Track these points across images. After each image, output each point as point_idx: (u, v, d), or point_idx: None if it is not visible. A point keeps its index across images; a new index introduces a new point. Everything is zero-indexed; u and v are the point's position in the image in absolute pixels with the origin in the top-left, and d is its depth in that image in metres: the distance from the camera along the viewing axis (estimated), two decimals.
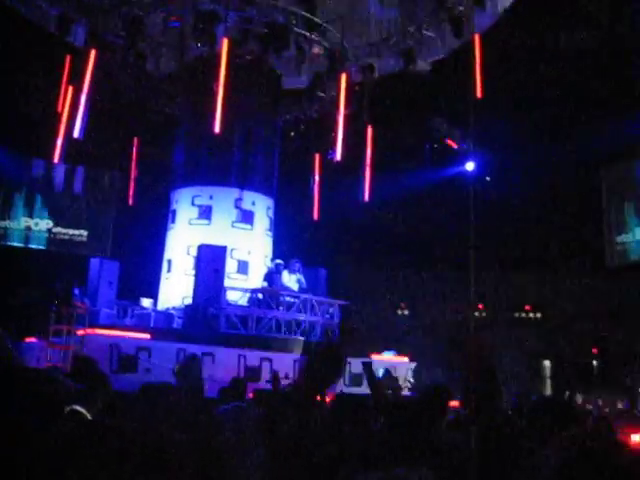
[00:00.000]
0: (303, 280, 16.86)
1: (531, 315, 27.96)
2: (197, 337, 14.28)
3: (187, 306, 16.06)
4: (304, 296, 16.46)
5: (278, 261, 17.21)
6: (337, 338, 16.32)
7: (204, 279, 15.54)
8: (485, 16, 16.96)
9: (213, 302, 15.23)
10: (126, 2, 16.68)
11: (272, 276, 16.50)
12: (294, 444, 4.00)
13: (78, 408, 4.45)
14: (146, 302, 17.34)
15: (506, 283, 24.85)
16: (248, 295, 16.38)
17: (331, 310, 16.98)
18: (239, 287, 16.59)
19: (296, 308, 16.27)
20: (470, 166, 23.02)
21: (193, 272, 16.11)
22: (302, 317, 16.13)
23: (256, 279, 17.18)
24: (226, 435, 5.09)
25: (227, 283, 16.69)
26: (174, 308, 16.64)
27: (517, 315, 28.23)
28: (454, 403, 8.80)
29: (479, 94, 16.33)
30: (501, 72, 18.66)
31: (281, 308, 16.06)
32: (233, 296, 16.34)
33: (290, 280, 16.68)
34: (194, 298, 15.66)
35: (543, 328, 26.22)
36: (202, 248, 15.98)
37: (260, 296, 16.16)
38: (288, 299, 16.37)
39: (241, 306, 16.03)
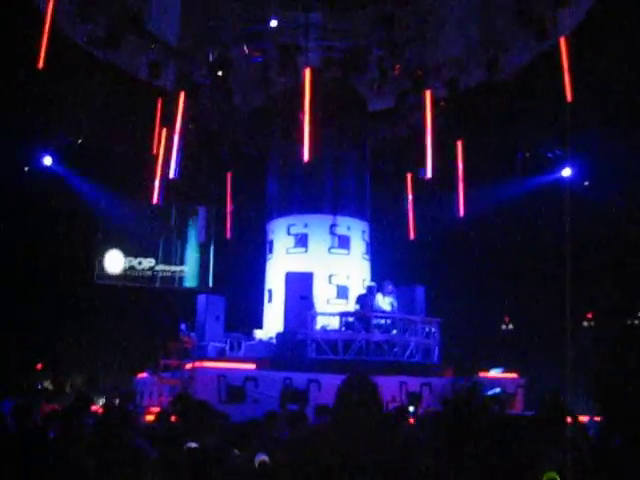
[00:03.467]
0: (395, 302, 16.66)
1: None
2: (288, 364, 14.36)
3: (278, 334, 16.23)
4: (396, 316, 16.26)
5: (370, 284, 17.14)
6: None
7: (292, 306, 15.66)
8: (570, 16, 16.51)
9: (301, 328, 15.27)
10: (211, 42, 17.17)
11: (364, 299, 16.41)
12: None
13: (191, 444, 4.55)
14: (259, 333, 17.60)
15: (614, 289, 23.81)
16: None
17: (429, 329, 16.66)
18: (330, 312, 16.52)
19: (389, 329, 16.09)
20: (567, 172, 22.47)
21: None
22: (396, 338, 15.89)
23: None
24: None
25: (327, 309, 16.74)
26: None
27: (629, 322, 26.99)
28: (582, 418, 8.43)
29: (569, 97, 15.90)
30: (591, 73, 18.05)
31: (376, 331, 15.92)
32: (331, 322, 16.35)
33: (384, 302, 16.56)
34: (284, 325, 15.83)
35: None
36: (288, 276, 16.21)
37: (351, 319, 16.09)
38: (382, 321, 16.24)
39: (329, 330, 15.98)
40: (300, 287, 15.88)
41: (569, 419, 4.95)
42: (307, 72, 16.47)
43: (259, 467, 5.12)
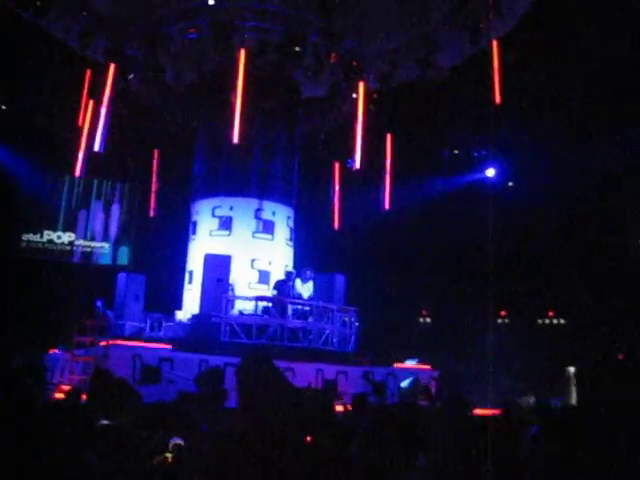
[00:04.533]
0: (312, 289, 16.79)
1: (554, 321, 27.66)
2: (203, 346, 14.32)
3: (193, 315, 16.12)
4: (313, 303, 16.39)
5: (289, 269, 17.21)
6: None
7: (209, 288, 15.61)
8: (503, 21, 16.89)
9: (215, 311, 15.26)
10: (144, 16, 16.81)
11: (282, 285, 16.46)
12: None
13: (105, 422, 4.48)
14: (179, 314, 17.42)
15: (528, 289, 24.58)
16: (262, 304, 16.35)
17: (347, 318, 16.85)
18: (246, 296, 16.52)
19: (306, 316, 16.22)
20: (490, 172, 23.03)
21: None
22: (312, 325, 16.00)
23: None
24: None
25: (247, 293, 16.71)
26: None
27: (540, 322, 27.93)
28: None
29: (498, 100, 16.27)
30: (521, 77, 18.52)
31: (294, 317, 16.02)
32: (248, 306, 16.34)
33: (302, 288, 16.65)
34: (200, 307, 15.76)
35: (566, 334, 25.90)
36: (207, 257, 16.11)
37: (267, 304, 16.14)
38: (299, 307, 16.36)
39: (245, 315, 15.99)
40: (218, 270, 15.79)
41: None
42: (242, 53, 16.33)
43: (172, 450, 5.08)
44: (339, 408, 9.39)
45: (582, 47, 18.66)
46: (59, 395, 10.55)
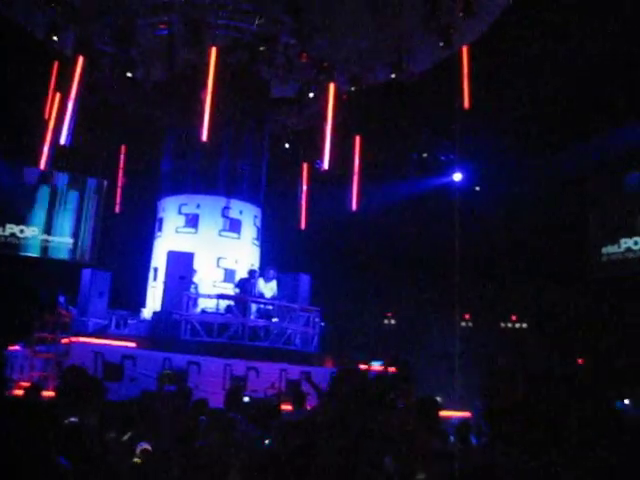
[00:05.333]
0: (275, 288, 16.79)
1: (517, 325, 28.01)
2: (165, 344, 14.23)
3: (154, 313, 16.03)
4: (275, 303, 16.40)
5: (252, 268, 17.17)
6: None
7: (171, 285, 15.51)
8: (474, 26, 17.08)
9: (177, 308, 15.15)
10: (115, 9, 16.64)
11: (245, 283, 16.42)
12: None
13: (73, 420, 4.43)
14: (145, 312, 17.27)
15: (492, 293, 24.87)
16: (226, 303, 16.29)
17: (312, 318, 16.85)
18: (208, 294, 16.45)
19: (269, 315, 16.21)
20: (457, 177, 23.25)
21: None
22: (274, 324, 15.99)
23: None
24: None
25: (212, 291, 16.65)
26: None
27: (503, 325, 28.25)
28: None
29: (466, 105, 16.45)
30: (490, 82, 18.75)
31: (252, 316, 15.99)
32: (211, 304, 16.27)
33: (265, 287, 16.64)
34: (161, 305, 15.66)
35: (530, 338, 26.24)
36: (170, 254, 16.03)
37: (230, 303, 16.09)
38: (262, 306, 16.37)
39: (207, 313, 15.91)
40: (180, 267, 15.70)
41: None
42: (213, 51, 16.25)
43: (140, 455, 5.04)
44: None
45: (549, 53, 18.97)
46: (18, 392, 10.40)
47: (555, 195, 22.51)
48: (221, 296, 16.31)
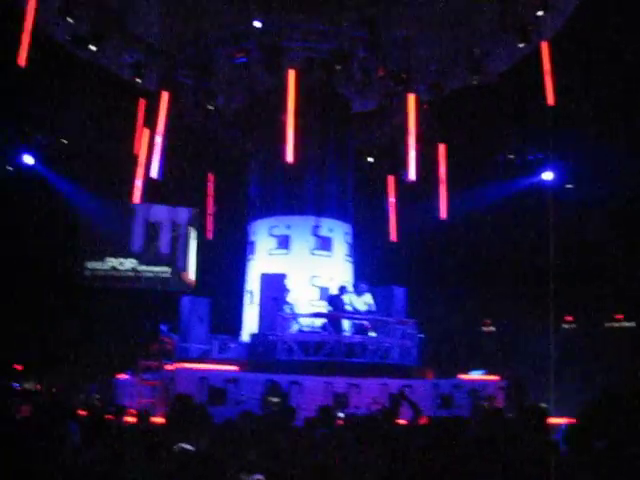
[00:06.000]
0: (371, 302, 16.69)
1: (625, 324, 26.94)
2: (266, 366, 14.37)
3: (251, 335, 16.22)
4: (369, 317, 16.30)
5: (342, 284, 17.13)
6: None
7: (266, 307, 15.68)
8: (552, 20, 16.65)
9: (272, 329, 15.29)
10: (193, 42, 17.12)
11: (335, 300, 16.39)
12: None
13: (185, 446, 4.53)
14: (245, 335, 17.56)
15: (594, 292, 23.99)
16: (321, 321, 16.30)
17: (409, 330, 16.62)
18: (301, 314, 16.53)
19: (362, 330, 16.11)
20: (548, 175, 22.61)
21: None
22: (369, 339, 15.87)
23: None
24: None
25: (309, 311, 16.73)
26: None
27: (608, 325, 27.23)
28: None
29: (550, 101, 16.03)
30: (574, 76, 18.20)
31: (346, 332, 15.95)
32: (307, 322, 16.36)
33: (358, 302, 16.59)
34: (258, 327, 15.88)
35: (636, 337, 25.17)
36: (263, 277, 16.25)
37: (323, 321, 16.10)
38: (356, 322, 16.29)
39: (303, 332, 15.96)
40: (273, 288, 15.87)
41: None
42: (291, 73, 16.47)
43: None
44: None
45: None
46: (129, 418, 10.71)
47: None
48: (314, 314, 16.36)
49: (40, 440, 5.16)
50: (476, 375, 16.56)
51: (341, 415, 10.03)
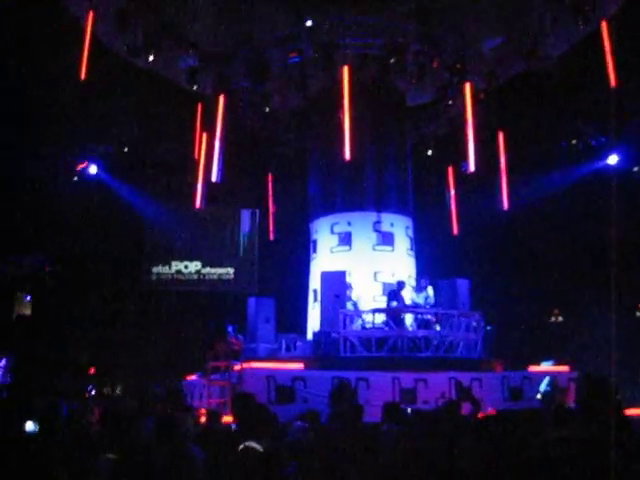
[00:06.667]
0: (431, 295, 16.53)
1: None
2: (327, 362, 14.44)
3: (314, 333, 16.26)
4: (431, 311, 16.18)
5: (400, 280, 17.00)
6: None
7: (327, 304, 15.71)
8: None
9: (335, 327, 15.29)
10: (247, 45, 17.27)
11: (394, 294, 16.28)
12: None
13: (251, 444, 4.58)
14: (310, 333, 17.65)
15: None
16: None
17: (475, 322, 16.38)
18: (362, 310, 16.49)
19: (425, 324, 16.00)
20: (613, 159, 22.01)
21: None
22: (432, 333, 15.71)
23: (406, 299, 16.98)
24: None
25: (373, 306, 16.69)
26: None
27: None
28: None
29: (613, 83, 15.59)
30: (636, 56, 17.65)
31: (411, 327, 15.84)
32: (371, 318, 16.28)
33: (418, 298, 16.45)
34: (320, 324, 15.92)
35: None
36: (323, 275, 16.33)
37: (381, 317, 16.02)
38: (424, 316, 16.17)
39: (365, 329, 15.87)
40: (334, 285, 15.90)
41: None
42: (345, 70, 16.46)
43: None
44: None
45: None
46: (201, 419, 10.88)
47: None
48: (375, 310, 16.31)
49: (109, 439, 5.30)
50: (546, 366, 16.26)
51: (409, 410, 9.96)
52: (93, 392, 21.18)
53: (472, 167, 17.06)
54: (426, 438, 5.58)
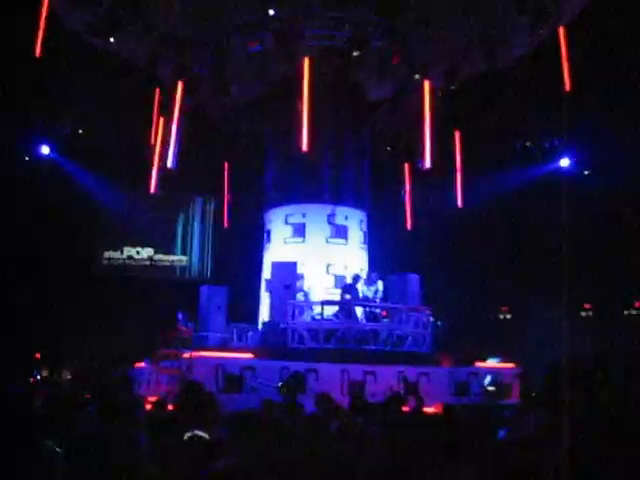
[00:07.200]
0: (381, 289, 16.69)
1: None
2: (277, 353, 14.46)
3: (263, 323, 16.28)
4: (380, 305, 16.32)
5: (356, 273, 17.13)
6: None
7: (277, 295, 15.75)
8: (570, 4, 16.47)
9: (284, 317, 15.37)
10: (209, 32, 17.10)
11: (349, 288, 16.42)
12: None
13: (198, 433, 4.58)
14: (261, 323, 17.67)
15: (612, 280, 23.83)
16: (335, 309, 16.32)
17: (423, 318, 16.60)
18: (312, 302, 16.57)
19: (374, 318, 16.13)
20: (565, 162, 22.44)
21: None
22: (381, 327, 15.86)
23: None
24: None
25: (325, 298, 16.76)
26: None
27: (626, 313, 27.05)
28: None
29: (568, 87, 15.88)
30: (591, 62, 18.01)
31: (363, 319, 15.98)
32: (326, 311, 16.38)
33: (368, 291, 16.61)
34: (270, 314, 15.97)
35: None
36: (274, 265, 16.35)
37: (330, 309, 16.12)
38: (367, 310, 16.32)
39: (314, 320, 15.97)
40: (285, 276, 15.93)
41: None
42: (306, 61, 16.42)
43: None
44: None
45: None
46: (147, 406, 10.80)
47: None
48: (325, 302, 16.39)
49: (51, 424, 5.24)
50: (492, 363, 16.55)
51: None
52: (38, 377, 20.87)
53: (428, 164, 17.20)
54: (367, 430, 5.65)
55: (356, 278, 16.63)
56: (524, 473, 4.32)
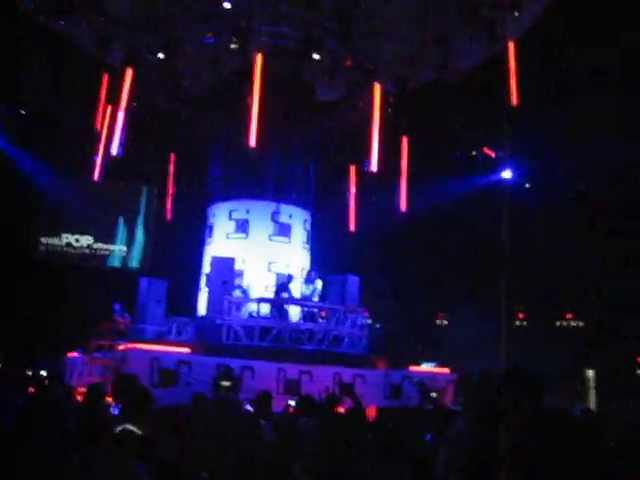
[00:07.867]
0: (319, 288, 16.80)
1: (573, 324, 27.48)
2: (214, 349, 14.39)
3: (199, 317, 16.19)
4: (317, 305, 16.41)
5: (290, 273, 17.20)
6: None
7: (215, 290, 15.70)
8: (520, 21, 16.81)
9: (220, 313, 15.32)
10: (162, 20, 16.89)
11: (284, 287, 16.46)
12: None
13: (129, 427, 4.52)
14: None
15: (547, 291, 24.44)
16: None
17: (360, 320, 16.75)
18: (252, 299, 16.56)
19: (311, 318, 16.19)
20: (507, 174, 22.89)
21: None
22: (317, 327, 15.93)
23: (295, 292, 17.14)
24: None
25: (264, 296, 16.74)
26: None
27: (558, 324, 27.76)
28: None
29: (514, 101, 16.21)
30: (538, 77, 18.43)
31: (297, 319, 16.04)
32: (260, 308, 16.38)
33: (306, 289, 16.67)
34: (207, 310, 15.88)
35: (585, 337, 25.70)
36: (213, 260, 16.26)
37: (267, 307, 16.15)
38: (303, 309, 16.41)
39: (252, 318, 15.99)
40: (223, 271, 15.87)
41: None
42: (258, 57, 16.36)
43: None
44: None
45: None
46: (77, 397, 10.62)
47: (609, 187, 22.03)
48: (261, 299, 16.38)
49: None
50: (427, 367, 16.78)
51: (291, 402, 10.06)
52: None
53: (374, 167, 17.34)
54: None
55: (289, 277, 16.69)
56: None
